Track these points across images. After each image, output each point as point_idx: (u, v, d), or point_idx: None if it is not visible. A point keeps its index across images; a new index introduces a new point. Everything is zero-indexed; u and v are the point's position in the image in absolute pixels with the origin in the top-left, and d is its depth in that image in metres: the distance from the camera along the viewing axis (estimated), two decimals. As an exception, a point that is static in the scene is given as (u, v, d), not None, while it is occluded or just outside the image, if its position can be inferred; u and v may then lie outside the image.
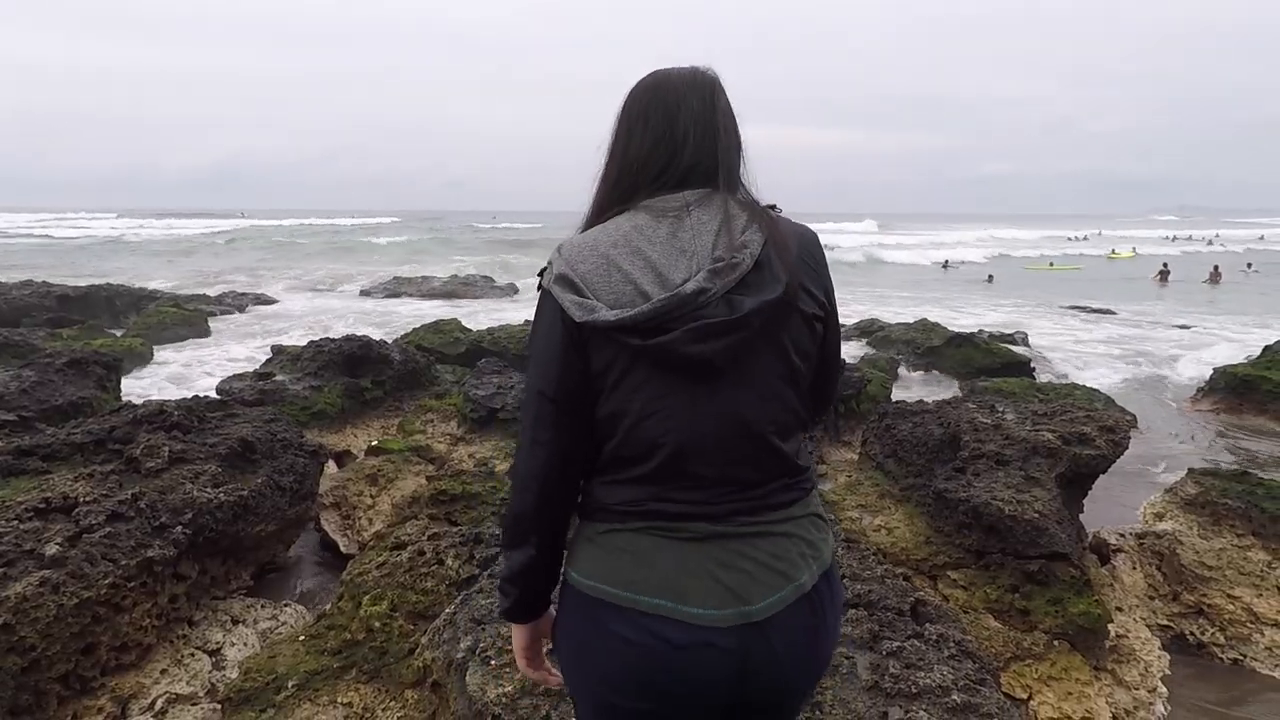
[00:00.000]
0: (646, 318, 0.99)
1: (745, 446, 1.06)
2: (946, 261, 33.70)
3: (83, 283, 14.93)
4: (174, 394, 7.75)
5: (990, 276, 27.58)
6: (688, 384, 1.03)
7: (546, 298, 1.08)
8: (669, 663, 1.00)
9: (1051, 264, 35.17)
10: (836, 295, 1.19)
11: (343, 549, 4.78)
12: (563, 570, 1.16)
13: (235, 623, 3.70)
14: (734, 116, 1.16)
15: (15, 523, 3.17)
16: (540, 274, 1.11)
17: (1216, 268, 26.25)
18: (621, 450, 1.07)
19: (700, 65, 1.15)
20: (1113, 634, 3.65)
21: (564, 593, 1.14)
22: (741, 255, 1.02)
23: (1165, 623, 4.14)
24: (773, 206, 1.14)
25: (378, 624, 3.05)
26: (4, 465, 3.96)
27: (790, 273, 1.04)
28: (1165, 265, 27.16)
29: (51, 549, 3.01)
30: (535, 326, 1.11)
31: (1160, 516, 4.78)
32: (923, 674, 2.39)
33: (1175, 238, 61.65)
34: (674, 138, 1.09)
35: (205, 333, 12.67)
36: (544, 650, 1.22)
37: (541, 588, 1.16)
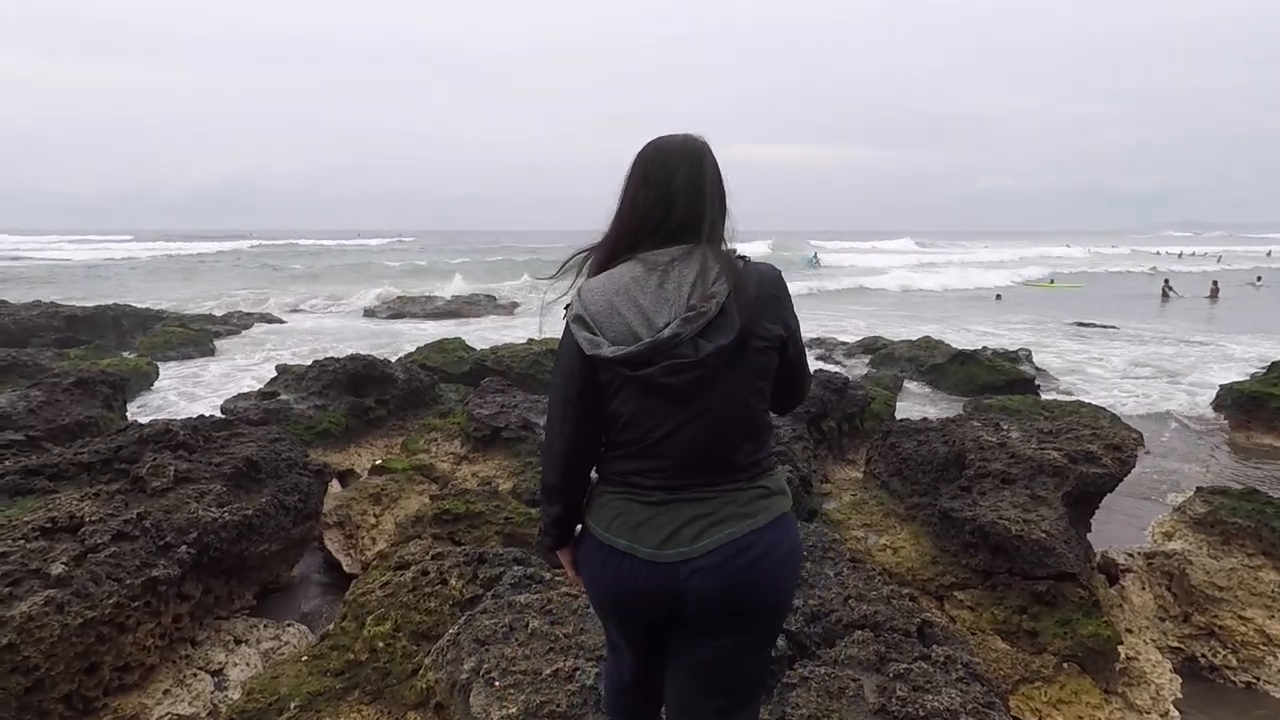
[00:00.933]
0: (634, 355, 1.36)
1: (701, 445, 1.42)
2: (999, 295, 28.32)
3: (90, 303, 15.05)
4: (179, 413, 7.79)
5: (999, 295, 27.62)
6: (663, 402, 1.40)
7: (567, 331, 1.46)
8: (629, 584, 1.45)
9: (1052, 281, 35.17)
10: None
11: (346, 568, 4.76)
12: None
13: (238, 643, 3.69)
14: (720, 178, 1.48)
15: (21, 542, 3.17)
16: (566, 308, 1.48)
17: (1216, 284, 26.36)
18: (618, 438, 1.48)
19: (693, 134, 1.49)
20: (1123, 656, 3.61)
21: (582, 533, 1.58)
22: (709, 305, 1.36)
23: (1176, 645, 4.09)
24: (743, 257, 1.46)
25: (381, 644, 3.03)
26: (11, 485, 3.97)
27: (745, 317, 1.37)
28: (1167, 282, 27.23)
29: (57, 568, 3.01)
30: (560, 349, 1.50)
31: (1169, 536, 4.74)
32: (930, 697, 2.37)
33: (1183, 254, 61.66)
34: (668, 200, 1.43)
35: (211, 352, 12.74)
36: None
37: (568, 530, 1.62)
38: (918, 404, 9.58)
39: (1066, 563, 3.58)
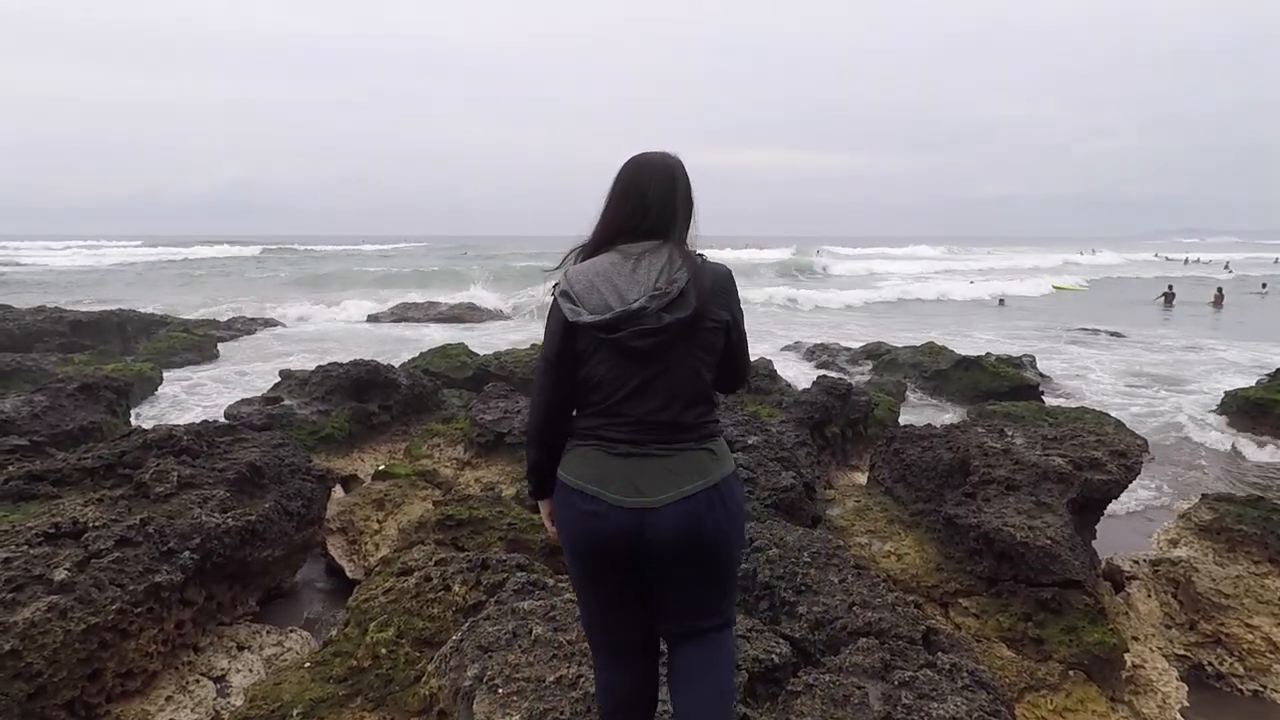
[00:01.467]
0: (607, 322, 1.64)
1: (660, 402, 1.67)
2: (1002, 299, 28.14)
3: (94, 308, 15.10)
4: (183, 419, 7.80)
5: (1001, 300, 27.61)
6: (630, 363, 1.66)
7: (554, 304, 1.73)
8: (597, 525, 1.66)
9: (1055, 286, 35.10)
10: None
11: (349, 574, 4.75)
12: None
13: (241, 649, 3.68)
14: (689, 190, 1.76)
15: (25, 547, 3.18)
16: (554, 286, 1.76)
17: (1220, 290, 26.24)
18: (589, 396, 1.72)
19: (669, 152, 1.76)
20: (1129, 664, 3.59)
21: (557, 485, 1.77)
22: (672, 288, 1.64)
23: (1182, 652, 4.06)
24: (701, 255, 1.74)
25: (384, 651, 3.03)
26: (15, 490, 3.98)
27: (700, 300, 1.65)
28: (1170, 288, 27.14)
29: (60, 574, 3.01)
30: (548, 318, 1.76)
31: (1174, 543, 4.72)
32: (936, 705, 2.35)
33: (1188, 260, 61.35)
34: (644, 209, 1.72)
35: (214, 357, 12.76)
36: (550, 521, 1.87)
37: (545, 477, 1.81)
38: (921, 410, 9.56)
39: (1072, 570, 3.57)
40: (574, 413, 1.78)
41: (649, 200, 1.71)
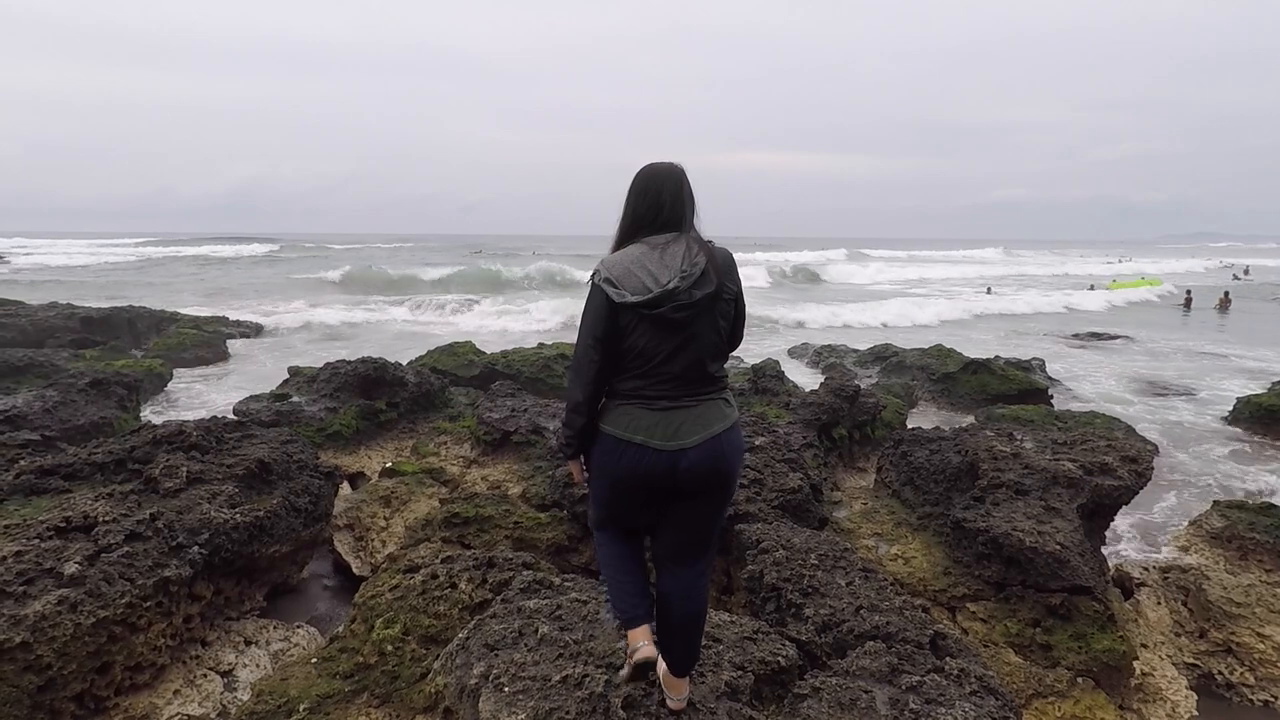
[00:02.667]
0: (650, 300, 1.95)
1: (691, 364, 2.01)
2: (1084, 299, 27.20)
3: (105, 305, 15.20)
4: (192, 414, 7.85)
5: (989, 288, 27.86)
6: (667, 333, 1.98)
7: (596, 289, 2.02)
8: (643, 466, 2.01)
9: (1143, 279, 34.95)
10: None
11: (355, 570, 4.77)
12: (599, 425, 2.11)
13: (248, 644, 3.70)
14: (691, 191, 2.09)
15: (36, 541, 3.20)
16: (592, 275, 2.05)
17: (1226, 294, 26.29)
18: (629, 364, 2.03)
19: (674, 161, 2.09)
20: (1138, 672, 3.56)
21: (599, 436, 2.08)
22: (695, 269, 1.97)
23: (1192, 661, 4.03)
24: (710, 241, 2.06)
25: (390, 648, 3.03)
26: (27, 484, 4.01)
27: (719, 276, 2.00)
28: (1189, 293, 27.11)
29: (71, 568, 3.03)
30: (588, 303, 2.04)
31: (1185, 550, 4.68)
32: (944, 710, 2.34)
33: (1208, 267, 60.48)
34: (658, 206, 2.04)
35: (224, 354, 12.83)
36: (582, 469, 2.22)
37: (587, 440, 2.13)
38: (929, 413, 9.52)
39: (1081, 576, 3.54)
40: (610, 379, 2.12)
41: (663, 199, 2.04)
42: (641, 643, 2.14)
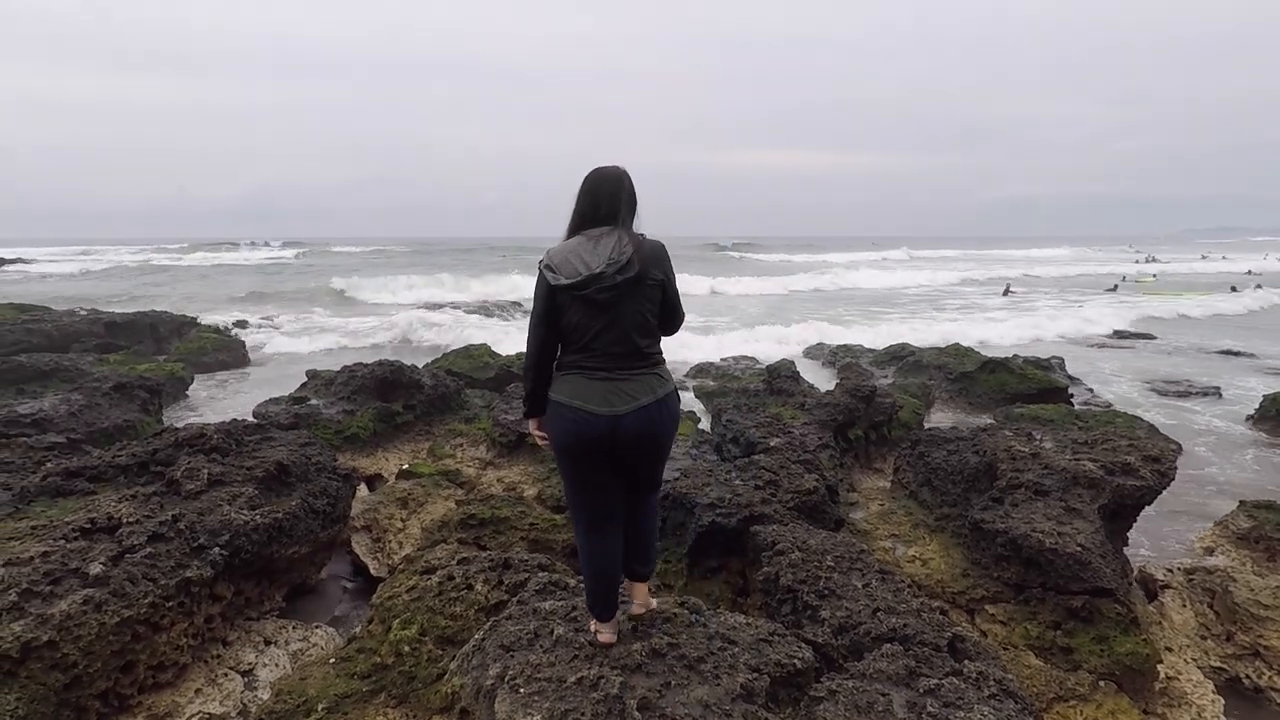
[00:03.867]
0: (577, 283, 2.26)
1: (621, 340, 2.30)
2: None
3: (129, 309, 15.46)
4: (213, 417, 7.95)
5: (1008, 288, 27.26)
6: (596, 312, 2.28)
7: (540, 274, 2.35)
8: (583, 429, 2.30)
9: (1155, 277, 34.33)
10: None
11: (373, 571, 4.81)
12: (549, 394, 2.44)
13: (268, 644, 3.74)
14: (633, 191, 2.40)
15: (62, 541, 3.26)
16: (540, 263, 2.35)
17: (1234, 289, 26.02)
18: (569, 339, 2.36)
19: (619, 165, 2.42)
20: (1162, 675, 3.50)
21: (550, 404, 2.39)
22: (622, 257, 2.26)
23: (1218, 664, 3.95)
24: (641, 234, 2.39)
25: (407, 648, 3.05)
26: (53, 486, 4.09)
27: (642, 265, 2.28)
28: (1235, 289, 26.66)
29: (95, 568, 3.09)
30: (536, 285, 2.37)
31: (1210, 551, 4.60)
32: (962, 714, 2.31)
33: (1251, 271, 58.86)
34: (597, 204, 2.36)
35: (243, 357, 12.99)
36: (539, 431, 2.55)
37: (538, 402, 2.45)
38: (946, 413, 9.42)
39: (1103, 578, 3.49)
40: (557, 352, 2.42)
41: (600, 198, 2.36)
42: (599, 632, 2.57)
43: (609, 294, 2.25)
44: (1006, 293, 28.21)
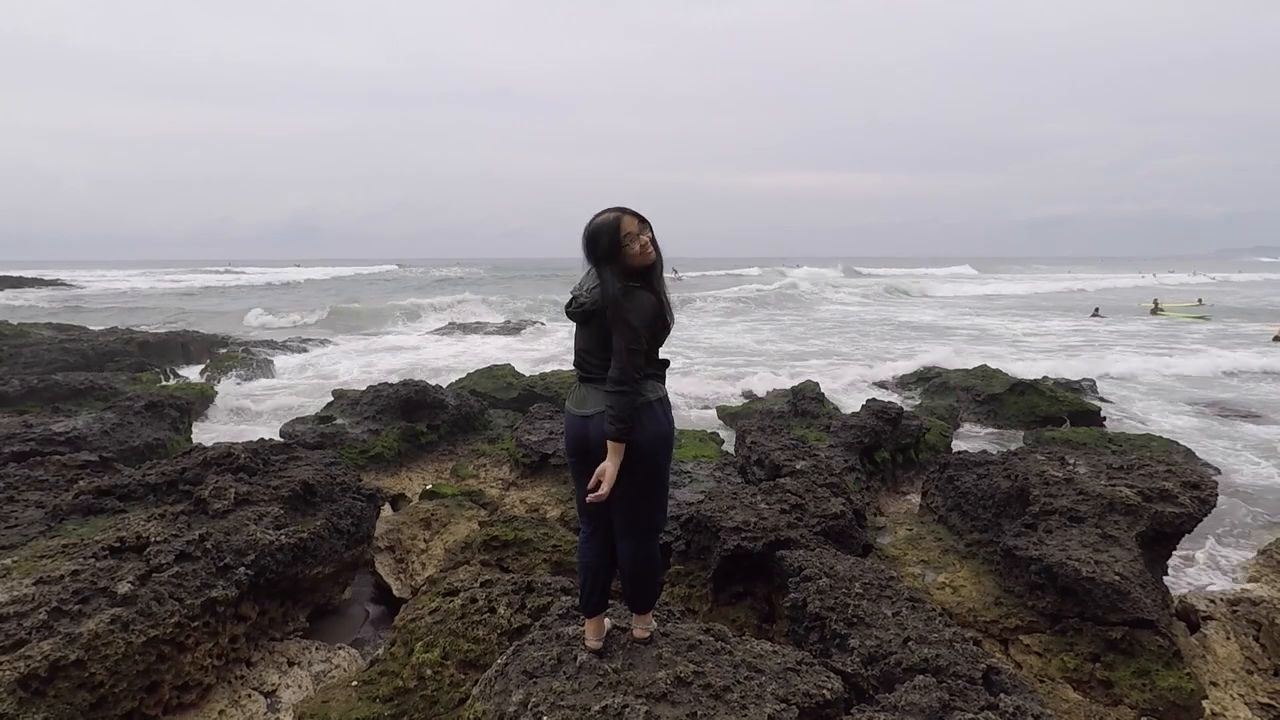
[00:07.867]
0: (568, 305, 2.64)
1: (585, 350, 2.63)
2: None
3: (161, 329, 15.81)
4: (240, 436, 8.06)
5: (1096, 310, 26.95)
6: (577, 326, 2.66)
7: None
8: (569, 427, 2.66)
9: (1200, 300, 33.65)
10: None
11: (396, 592, 4.80)
12: None
13: (291, 665, 3.74)
14: (615, 237, 2.55)
15: (92, 560, 3.30)
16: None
17: None
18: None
19: (612, 212, 2.57)
20: (1208, 711, 3.36)
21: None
22: (585, 290, 2.59)
23: (1266, 700, 3.78)
24: (608, 275, 2.58)
25: (429, 672, 3.03)
26: (85, 504, 4.15)
27: (604, 296, 2.53)
28: None
29: (124, 587, 3.11)
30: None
31: (1255, 581, 4.43)
32: (999, 749, 2.23)
33: None
34: (587, 248, 2.60)
35: (271, 375, 13.19)
36: None
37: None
38: (974, 436, 9.25)
39: (1143, 608, 3.37)
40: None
41: (596, 244, 2.62)
42: (591, 636, 2.71)
43: (577, 313, 2.65)
44: (1095, 314, 26.60)
